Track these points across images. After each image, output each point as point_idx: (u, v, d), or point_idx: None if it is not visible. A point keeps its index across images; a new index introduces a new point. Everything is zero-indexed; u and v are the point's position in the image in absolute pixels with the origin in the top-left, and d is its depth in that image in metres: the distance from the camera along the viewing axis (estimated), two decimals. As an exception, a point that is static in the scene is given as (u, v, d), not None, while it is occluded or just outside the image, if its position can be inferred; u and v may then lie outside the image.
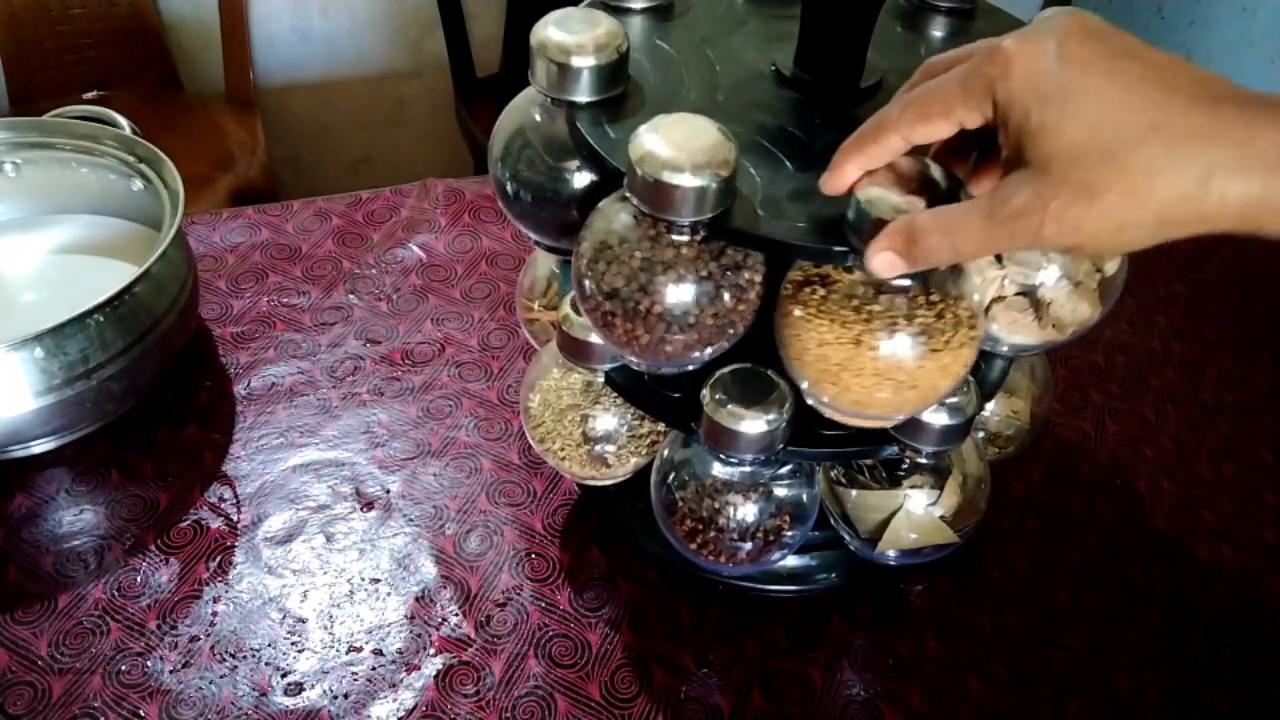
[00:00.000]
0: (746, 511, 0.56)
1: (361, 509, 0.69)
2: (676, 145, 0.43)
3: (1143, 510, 0.75)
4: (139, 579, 0.64)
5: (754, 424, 0.51)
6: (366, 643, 0.62)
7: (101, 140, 0.77)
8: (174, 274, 0.70)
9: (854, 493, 0.60)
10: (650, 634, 0.64)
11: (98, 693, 0.58)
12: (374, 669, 0.60)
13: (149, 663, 0.59)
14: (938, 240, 0.39)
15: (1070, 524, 0.73)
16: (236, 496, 0.69)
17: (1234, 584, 0.70)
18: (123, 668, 0.59)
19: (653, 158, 0.43)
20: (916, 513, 0.59)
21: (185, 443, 0.72)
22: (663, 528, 0.59)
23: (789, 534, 0.57)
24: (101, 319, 0.64)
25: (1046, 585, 0.69)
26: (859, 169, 0.42)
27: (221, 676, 0.59)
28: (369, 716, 0.58)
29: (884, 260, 0.40)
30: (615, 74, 0.51)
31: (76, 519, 0.67)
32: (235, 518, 0.68)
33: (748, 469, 0.55)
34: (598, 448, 0.63)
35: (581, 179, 0.56)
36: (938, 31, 0.59)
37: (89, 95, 1.58)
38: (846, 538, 0.61)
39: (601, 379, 0.59)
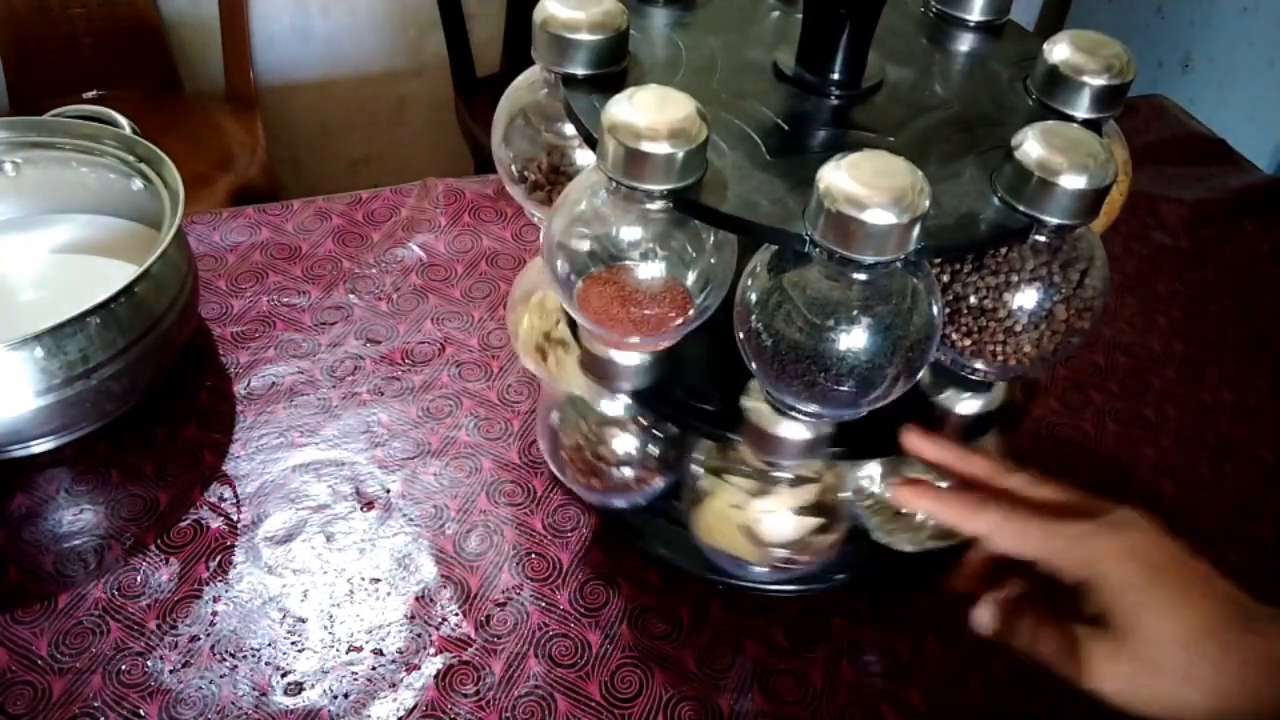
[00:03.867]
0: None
1: (361, 509, 0.69)
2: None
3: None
4: (139, 579, 0.64)
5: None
6: (366, 642, 0.62)
7: (101, 140, 0.77)
8: (174, 274, 0.70)
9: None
10: (650, 634, 0.64)
11: (98, 692, 0.58)
12: (374, 669, 0.60)
13: (149, 662, 0.59)
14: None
15: (1070, 524, 0.72)
16: (236, 496, 0.69)
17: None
18: (123, 667, 0.59)
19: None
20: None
21: (185, 443, 0.72)
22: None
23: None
24: (101, 319, 0.64)
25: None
26: (927, 506, 0.51)
27: (221, 676, 0.59)
28: (369, 716, 0.58)
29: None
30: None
31: (76, 519, 0.67)
32: (235, 517, 0.68)
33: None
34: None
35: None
36: (962, 46, 0.59)
37: (89, 95, 1.58)
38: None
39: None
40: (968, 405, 0.56)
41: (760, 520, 0.57)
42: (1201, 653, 0.45)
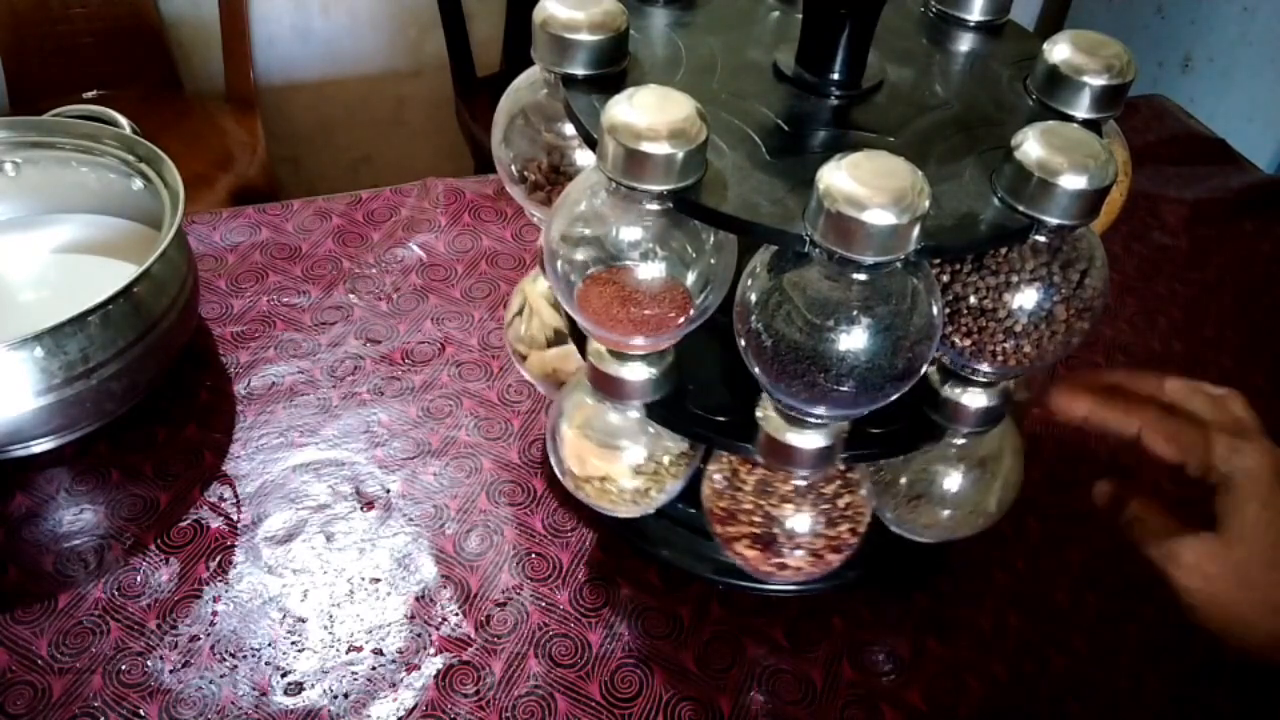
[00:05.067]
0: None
1: (361, 508, 0.69)
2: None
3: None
4: (139, 578, 0.64)
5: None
6: (366, 642, 0.62)
7: (101, 140, 0.77)
8: (174, 273, 0.70)
9: None
10: (650, 634, 0.64)
11: (98, 692, 0.58)
12: (374, 668, 0.60)
13: (149, 662, 0.60)
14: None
15: (1070, 524, 0.72)
16: (236, 496, 0.69)
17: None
18: (123, 667, 0.59)
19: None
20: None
21: (185, 442, 0.72)
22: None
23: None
24: (101, 319, 0.64)
25: (1046, 585, 0.69)
26: (1082, 413, 0.54)
27: (221, 676, 0.59)
28: (369, 716, 0.58)
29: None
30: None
31: (76, 519, 0.67)
32: (235, 517, 0.68)
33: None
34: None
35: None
36: (962, 46, 0.59)
37: (89, 95, 1.58)
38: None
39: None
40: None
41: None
42: None
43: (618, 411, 0.59)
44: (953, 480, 0.60)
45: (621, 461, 0.60)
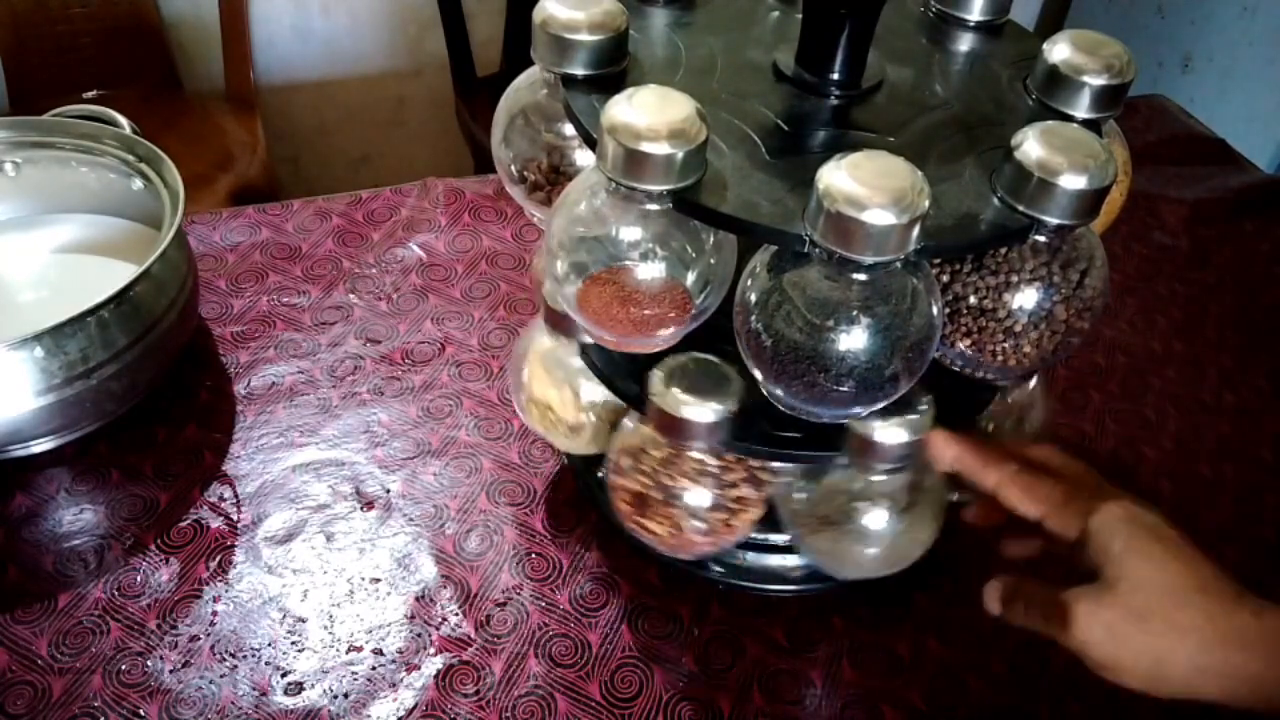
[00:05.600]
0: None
1: (361, 508, 0.69)
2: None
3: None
4: (139, 578, 0.64)
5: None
6: (366, 642, 0.62)
7: (101, 140, 0.77)
8: (174, 273, 0.70)
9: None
10: (650, 634, 0.64)
11: (98, 692, 0.58)
12: (374, 668, 0.60)
13: (149, 662, 0.60)
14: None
15: (1070, 524, 0.72)
16: (236, 496, 0.69)
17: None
18: (123, 667, 0.59)
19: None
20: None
21: (185, 442, 0.72)
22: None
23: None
24: (101, 319, 0.64)
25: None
26: (951, 457, 0.53)
27: (221, 676, 0.59)
28: (369, 716, 0.58)
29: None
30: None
31: (76, 519, 0.67)
32: (235, 517, 0.68)
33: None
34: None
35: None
36: (962, 46, 0.59)
37: (89, 94, 1.57)
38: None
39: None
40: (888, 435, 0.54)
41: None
42: (1190, 604, 0.45)
43: (564, 348, 0.61)
44: (866, 515, 0.57)
45: (565, 393, 0.62)
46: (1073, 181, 0.44)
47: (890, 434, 0.52)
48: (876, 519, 0.56)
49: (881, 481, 0.56)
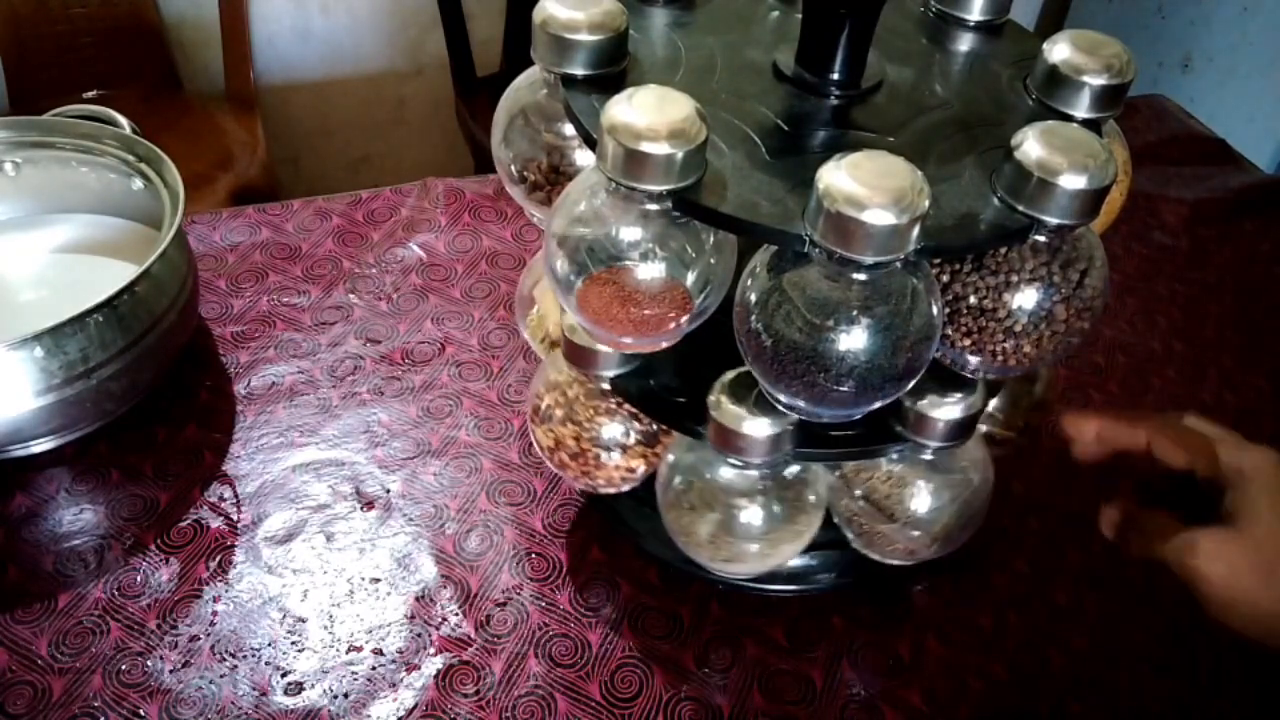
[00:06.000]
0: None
1: (361, 508, 0.69)
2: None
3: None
4: (139, 578, 0.64)
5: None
6: (366, 642, 0.62)
7: (101, 139, 0.77)
8: (174, 273, 0.70)
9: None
10: (650, 634, 0.64)
11: (98, 692, 0.58)
12: (374, 668, 0.60)
13: (149, 662, 0.60)
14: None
15: (1070, 524, 0.72)
16: (236, 496, 0.69)
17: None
18: (123, 667, 0.59)
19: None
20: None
21: (185, 442, 0.72)
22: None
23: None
24: (101, 319, 0.64)
25: (1046, 585, 0.69)
26: (1095, 433, 0.55)
27: (221, 676, 0.59)
28: (369, 716, 0.58)
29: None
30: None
31: (76, 518, 0.67)
32: (235, 517, 0.68)
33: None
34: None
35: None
36: (962, 46, 0.59)
37: (89, 94, 1.58)
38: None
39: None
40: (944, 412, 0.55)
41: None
42: None
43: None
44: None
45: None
46: (1073, 181, 0.44)
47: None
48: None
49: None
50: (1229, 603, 0.47)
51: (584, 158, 0.58)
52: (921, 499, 0.58)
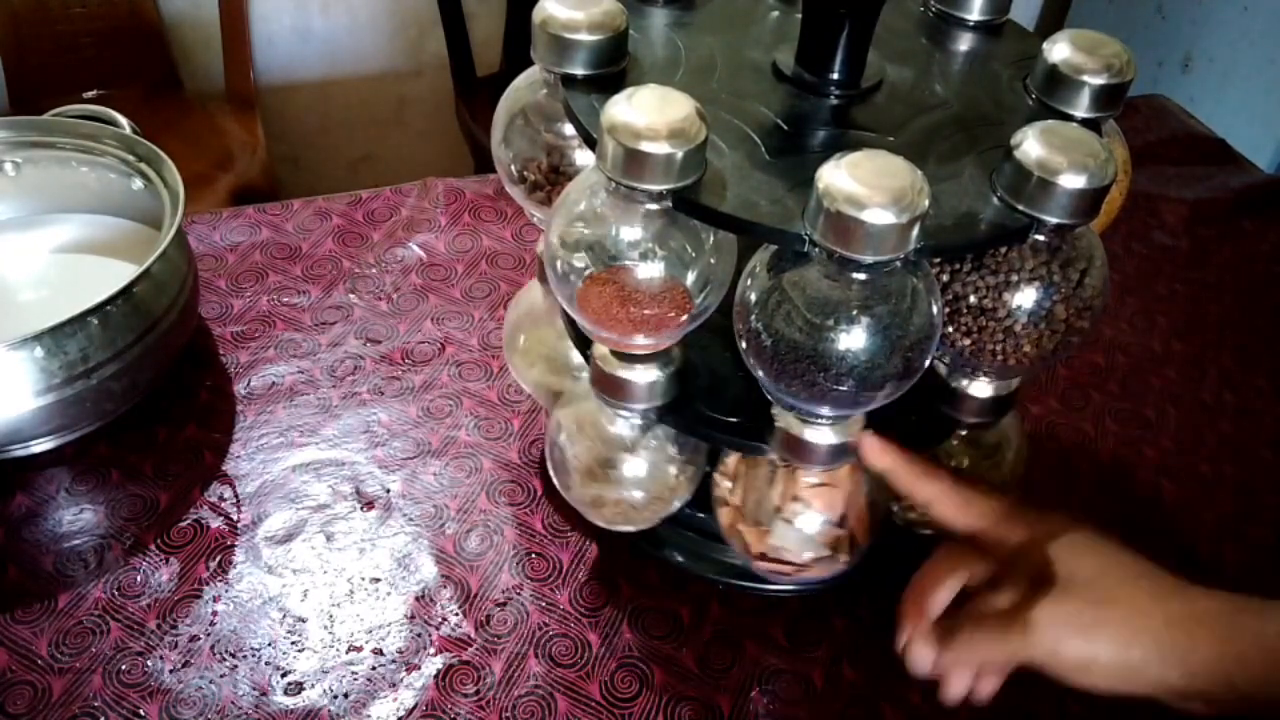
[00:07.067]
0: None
1: (361, 508, 0.69)
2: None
3: (1143, 510, 0.75)
4: (139, 578, 0.64)
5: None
6: (366, 642, 0.62)
7: (101, 139, 0.77)
8: (174, 273, 0.70)
9: None
10: (650, 634, 0.64)
11: (98, 692, 0.58)
12: (374, 668, 0.60)
13: (149, 662, 0.60)
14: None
15: (1070, 524, 0.72)
16: (236, 496, 0.69)
17: (1234, 583, 0.70)
18: (123, 667, 0.59)
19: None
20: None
21: (185, 442, 0.72)
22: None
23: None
24: (101, 319, 0.64)
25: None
26: (886, 465, 0.53)
27: (221, 676, 0.59)
28: (369, 716, 0.58)
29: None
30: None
31: (76, 518, 0.67)
32: (235, 517, 0.68)
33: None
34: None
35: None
36: (962, 46, 0.59)
37: (89, 94, 1.57)
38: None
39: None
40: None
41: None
42: (1144, 588, 0.46)
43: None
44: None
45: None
46: (1072, 181, 0.44)
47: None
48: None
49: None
50: (1087, 659, 0.46)
51: (584, 158, 0.58)
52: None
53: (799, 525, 0.57)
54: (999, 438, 0.63)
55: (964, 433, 0.59)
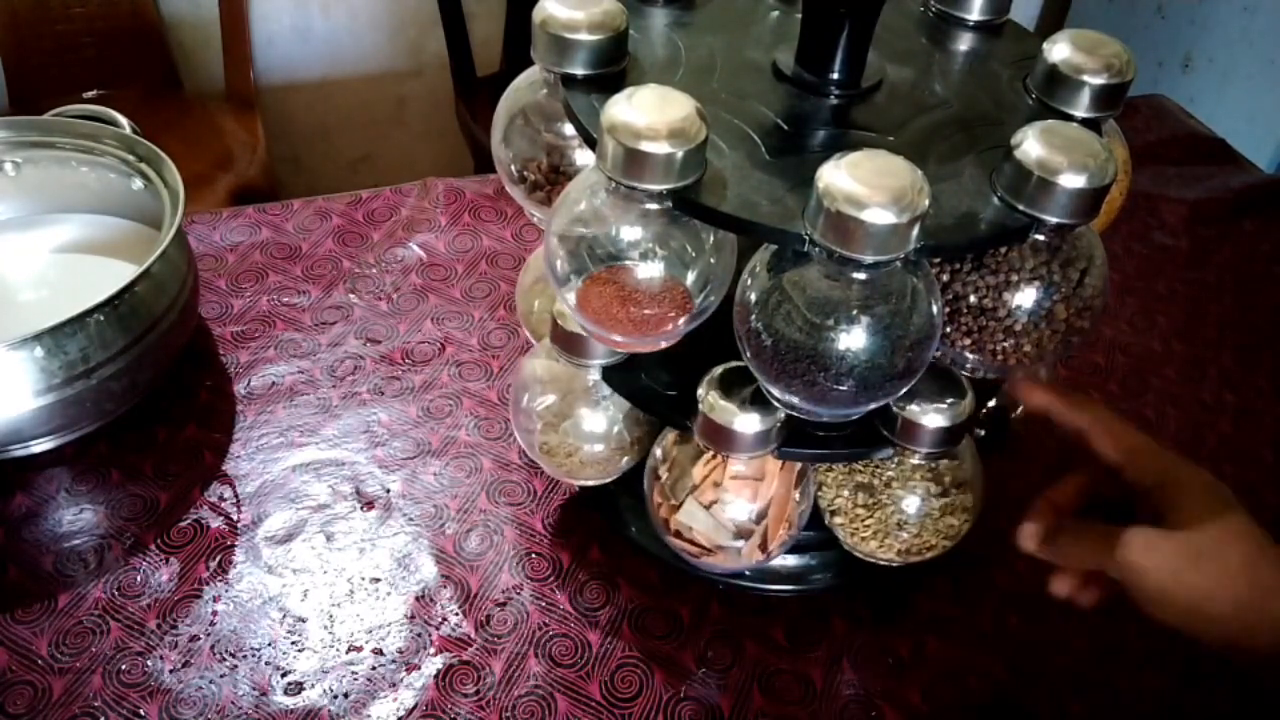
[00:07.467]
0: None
1: (361, 508, 0.69)
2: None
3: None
4: (139, 578, 0.64)
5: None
6: (366, 642, 0.62)
7: (101, 139, 0.77)
8: (174, 273, 0.70)
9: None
10: (650, 634, 0.64)
11: (98, 692, 0.58)
12: (374, 668, 0.60)
13: (149, 662, 0.60)
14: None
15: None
16: (236, 496, 0.69)
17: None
18: (123, 667, 0.59)
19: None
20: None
21: (185, 442, 0.72)
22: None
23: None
24: (101, 319, 0.64)
25: (1046, 585, 0.69)
26: (1041, 400, 0.56)
27: (221, 676, 0.59)
28: (369, 716, 0.58)
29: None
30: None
31: (76, 518, 0.67)
32: (235, 517, 0.68)
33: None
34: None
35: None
36: (962, 46, 0.59)
37: (89, 94, 1.57)
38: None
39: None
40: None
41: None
42: (1240, 552, 0.48)
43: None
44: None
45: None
46: (1072, 180, 0.44)
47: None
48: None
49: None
50: (1164, 595, 0.48)
51: (584, 158, 0.58)
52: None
53: (713, 510, 0.57)
54: (948, 478, 0.61)
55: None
